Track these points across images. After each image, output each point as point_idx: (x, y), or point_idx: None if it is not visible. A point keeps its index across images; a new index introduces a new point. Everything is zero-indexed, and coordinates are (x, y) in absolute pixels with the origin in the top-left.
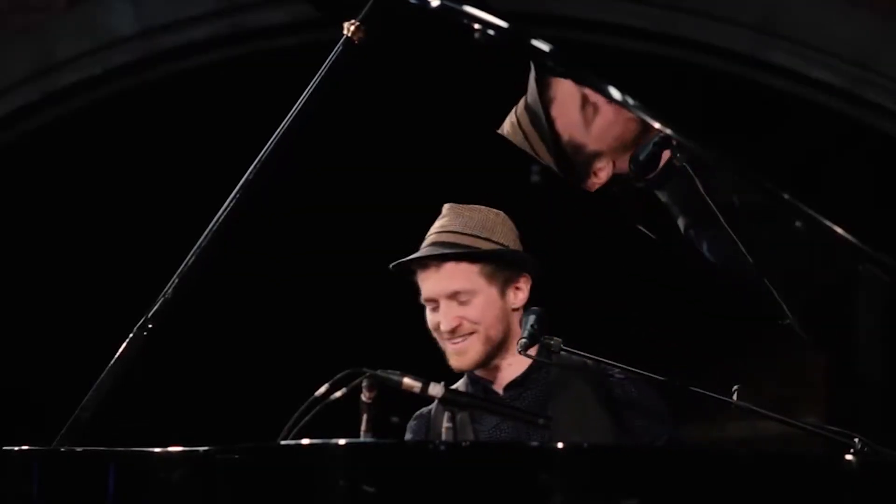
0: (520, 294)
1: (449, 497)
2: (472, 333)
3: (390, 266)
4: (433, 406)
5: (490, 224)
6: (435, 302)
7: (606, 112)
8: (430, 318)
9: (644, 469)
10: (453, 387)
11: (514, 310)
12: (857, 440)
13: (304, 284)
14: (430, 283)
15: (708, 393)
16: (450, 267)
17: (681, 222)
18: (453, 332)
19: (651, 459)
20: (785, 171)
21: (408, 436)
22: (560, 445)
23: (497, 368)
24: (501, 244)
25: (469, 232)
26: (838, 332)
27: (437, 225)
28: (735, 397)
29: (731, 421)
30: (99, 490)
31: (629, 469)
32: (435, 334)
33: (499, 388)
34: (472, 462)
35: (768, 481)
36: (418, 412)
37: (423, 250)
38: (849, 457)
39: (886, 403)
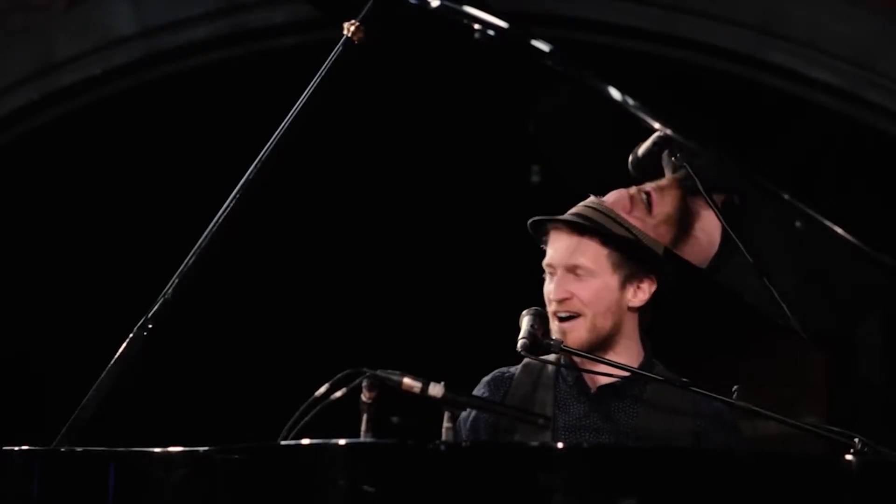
0: (639, 294)
1: (449, 497)
2: (579, 316)
3: (529, 221)
4: (516, 371)
5: None
6: (553, 269)
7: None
8: (546, 286)
9: (644, 469)
10: (481, 391)
11: (631, 309)
12: (857, 440)
13: (305, 284)
14: (557, 249)
15: (708, 393)
16: (581, 240)
17: None
18: (561, 303)
19: (651, 459)
20: (785, 171)
21: (479, 391)
22: (560, 445)
23: (599, 367)
24: (639, 238)
25: (613, 216)
26: (838, 332)
27: (588, 200)
28: (735, 397)
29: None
30: (99, 490)
31: (629, 469)
32: (548, 306)
33: (593, 386)
34: (472, 462)
35: (768, 481)
36: (498, 372)
37: (566, 215)
38: (849, 457)
39: (886, 403)
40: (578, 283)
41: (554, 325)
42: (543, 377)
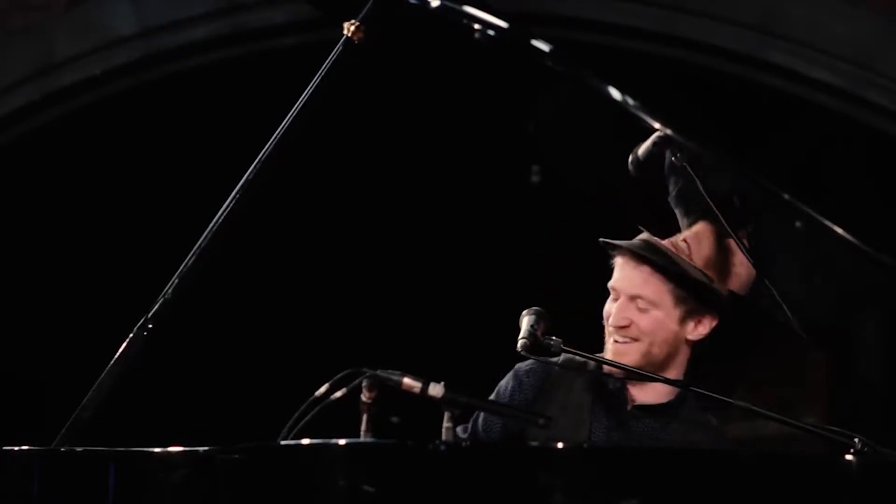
0: (699, 328)
1: (449, 497)
2: (636, 341)
3: (602, 241)
4: (556, 362)
5: None
6: (616, 294)
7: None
8: (608, 305)
9: (644, 469)
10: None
11: (687, 341)
12: (857, 440)
13: (305, 284)
14: (622, 275)
15: (708, 393)
16: (647, 271)
17: (681, 222)
18: (619, 329)
19: (651, 459)
20: (785, 171)
21: (506, 383)
22: (560, 445)
23: (639, 385)
24: (706, 277)
25: (679, 253)
26: (838, 332)
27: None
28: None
29: (731, 421)
30: (99, 490)
31: (629, 469)
32: (606, 322)
33: (629, 401)
34: (472, 462)
35: (768, 481)
36: (538, 364)
37: (635, 243)
38: (849, 457)
39: (886, 403)
40: (639, 313)
41: (609, 345)
42: (582, 380)
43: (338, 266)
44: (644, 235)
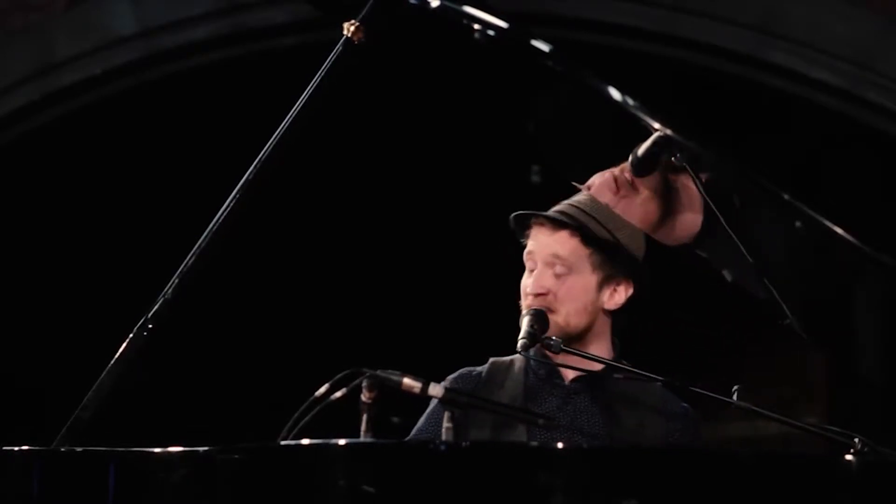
0: (615, 297)
1: (449, 497)
2: (552, 312)
3: (512, 216)
4: (484, 370)
5: (620, 223)
6: (533, 262)
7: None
8: (524, 280)
9: (644, 469)
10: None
11: (605, 310)
12: (857, 440)
13: (304, 284)
14: (538, 241)
15: (708, 393)
16: (563, 235)
17: None
18: (536, 297)
19: (651, 459)
20: (785, 171)
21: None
22: (560, 445)
23: (569, 361)
24: (621, 242)
25: (597, 217)
26: (838, 332)
27: (574, 198)
28: (735, 397)
29: (731, 421)
30: (99, 490)
31: (629, 469)
32: (522, 302)
33: (566, 379)
34: (472, 462)
35: (768, 481)
36: (466, 371)
37: (550, 212)
38: (849, 457)
39: (886, 403)
40: (556, 279)
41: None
42: (511, 374)
43: (337, 266)
44: (560, 205)
